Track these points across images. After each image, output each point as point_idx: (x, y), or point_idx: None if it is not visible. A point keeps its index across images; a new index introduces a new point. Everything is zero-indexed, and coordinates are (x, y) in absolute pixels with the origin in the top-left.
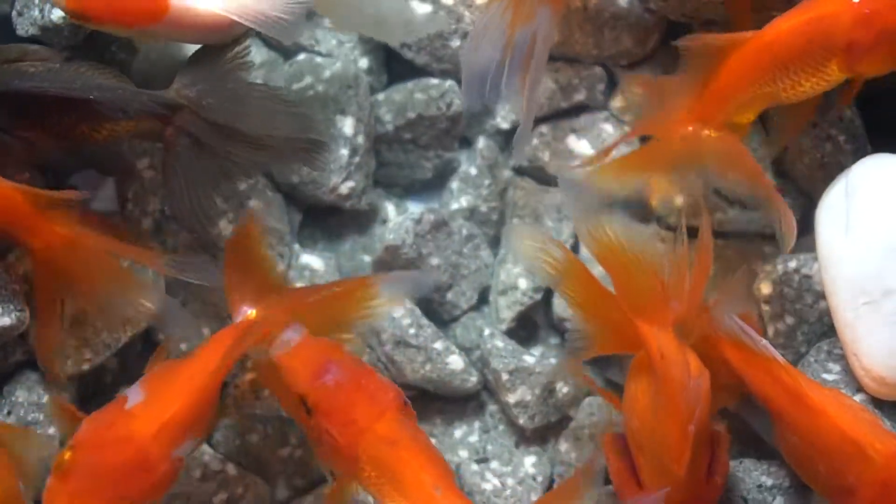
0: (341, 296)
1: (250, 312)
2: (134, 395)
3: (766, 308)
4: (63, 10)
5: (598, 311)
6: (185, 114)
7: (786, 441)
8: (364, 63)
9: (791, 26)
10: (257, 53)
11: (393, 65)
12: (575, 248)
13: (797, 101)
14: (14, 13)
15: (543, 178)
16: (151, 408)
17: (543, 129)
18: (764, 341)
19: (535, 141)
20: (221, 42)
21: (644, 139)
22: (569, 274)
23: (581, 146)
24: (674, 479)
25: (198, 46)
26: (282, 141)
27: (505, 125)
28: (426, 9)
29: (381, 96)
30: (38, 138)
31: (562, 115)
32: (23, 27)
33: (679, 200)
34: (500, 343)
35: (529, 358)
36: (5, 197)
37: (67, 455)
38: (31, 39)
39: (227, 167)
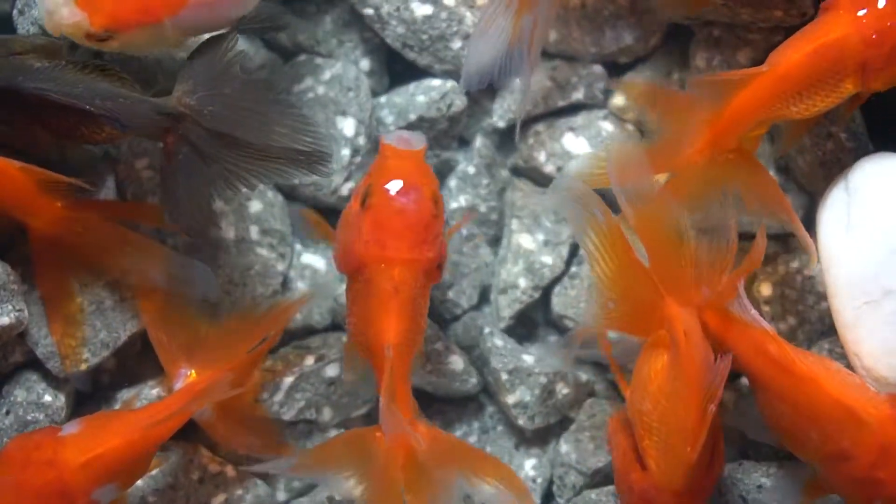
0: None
1: (190, 374)
2: (70, 426)
3: (766, 308)
4: (87, 34)
5: (629, 281)
6: (187, 123)
7: (773, 410)
8: (365, 65)
9: (803, 56)
10: (257, 55)
11: (395, 66)
12: (574, 250)
13: (810, 117)
14: (15, 12)
15: (541, 179)
16: (83, 440)
17: (539, 127)
18: (754, 311)
19: (530, 140)
20: (229, 24)
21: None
22: (608, 238)
23: (578, 144)
24: (685, 462)
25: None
26: (284, 151)
27: (502, 124)
28: (427, 10)
29: (382, 99)
30: (39, 135)
31: (558, 113)
32: (23, 26)
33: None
34: (499, 342)
35: (528, 358)
36: (5, 172)
37: None
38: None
39: (228, 176)
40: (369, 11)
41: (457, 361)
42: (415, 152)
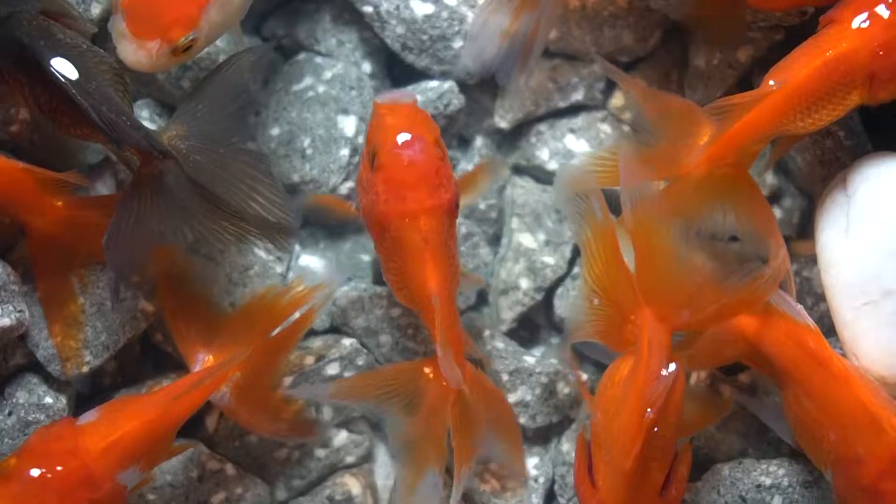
0: (293, 329)
1: (208, 359)
2: (88, 415)
3: None
4: (173, 51)
5: (613, 283)
6: (170, 163)
7: (798, 406)
8: (367, 67)
9: (812, 71)
10: None
11: (393, 70)
12: (577, 250)
13: (815, 130)
14: None
15: (542, 177)
16: (101, 427)
17: (541, 127)
18: (799, 306)
19: (532, 140)
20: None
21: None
22: (601, 236)
23: (579, 146)
24: (619, 472)
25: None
26: (253, 218)
27: (503, 124)
28: (428, 9)
29: None
30: (20, 92)
31: (559, 114)
32: None
33: None
34: (500, 344)
35: (529, 358)
36: (8, 172)
37: (12, 461)
38: None
39: (191, 228)
40: (368, 10)
41: None
42: (407, 104)
